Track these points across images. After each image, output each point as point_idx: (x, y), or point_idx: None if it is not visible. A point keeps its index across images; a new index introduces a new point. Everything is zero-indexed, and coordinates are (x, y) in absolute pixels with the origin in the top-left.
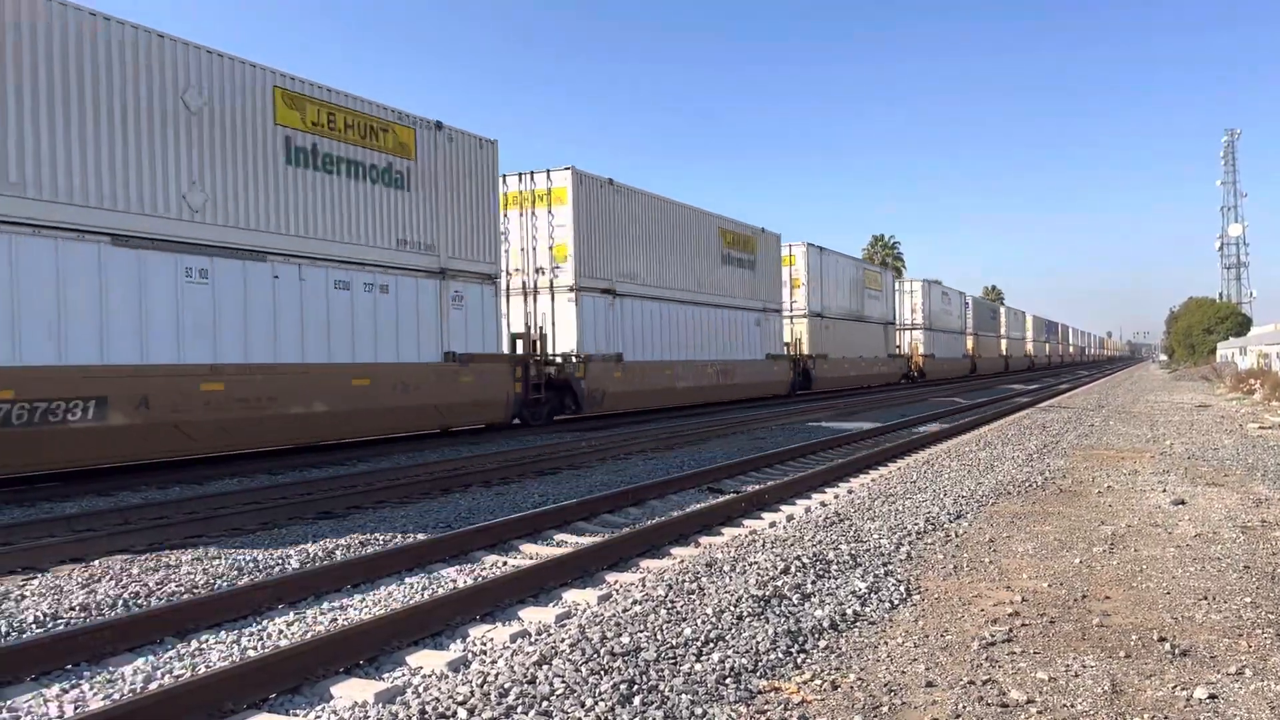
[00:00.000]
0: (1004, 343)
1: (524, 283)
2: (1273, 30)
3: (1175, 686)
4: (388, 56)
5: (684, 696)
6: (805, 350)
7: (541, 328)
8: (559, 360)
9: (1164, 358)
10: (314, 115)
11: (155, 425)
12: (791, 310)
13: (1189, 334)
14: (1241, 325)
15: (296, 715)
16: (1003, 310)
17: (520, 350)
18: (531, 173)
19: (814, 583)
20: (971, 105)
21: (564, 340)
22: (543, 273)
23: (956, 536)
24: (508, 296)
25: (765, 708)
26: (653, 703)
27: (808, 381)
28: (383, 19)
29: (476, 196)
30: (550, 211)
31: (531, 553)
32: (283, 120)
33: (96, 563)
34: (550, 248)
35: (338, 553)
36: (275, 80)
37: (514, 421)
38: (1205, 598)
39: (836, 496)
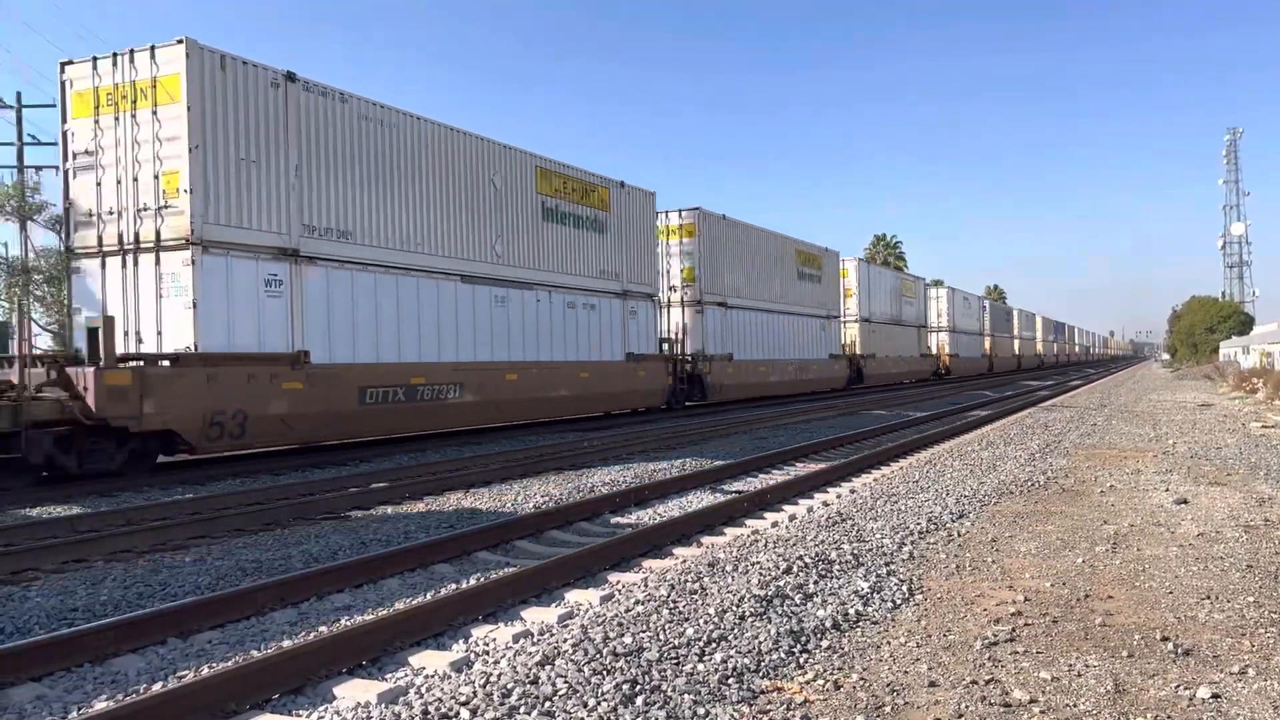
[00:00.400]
0: (1017, 343)
1: (660, 299)
2: (1274, 29)
3: (1178, 686)
4: (385, 54)
5: (686, 696)
6: (858, 350)
7: (676, 333)
8: (691, 359)
9: (1166, 357)
10: (556, 184)
11: (485, 403)
12: (845, 316)
13: (1191, 333)
14: (1244, 324)
15: (299, 715)
16: (1015, 313)
17: (664, 351)
18: (665, 211)
19: (816, 582)
20: (973, 105)
21: (691, 344)
22: (675, 290)
23: (959, 536)
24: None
25: (768, 708)
26: (655, 703)
27: (860, 377)
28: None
29: (643, 234)
30: (680, 242)
31: (533, 553)
32: (540, 190)
33: (100, 564)
34: (681, 271)
35: (340, 553)
36: (536, 161)
37: (662, 406)
38: (1208, 597)
39: (839, 496)
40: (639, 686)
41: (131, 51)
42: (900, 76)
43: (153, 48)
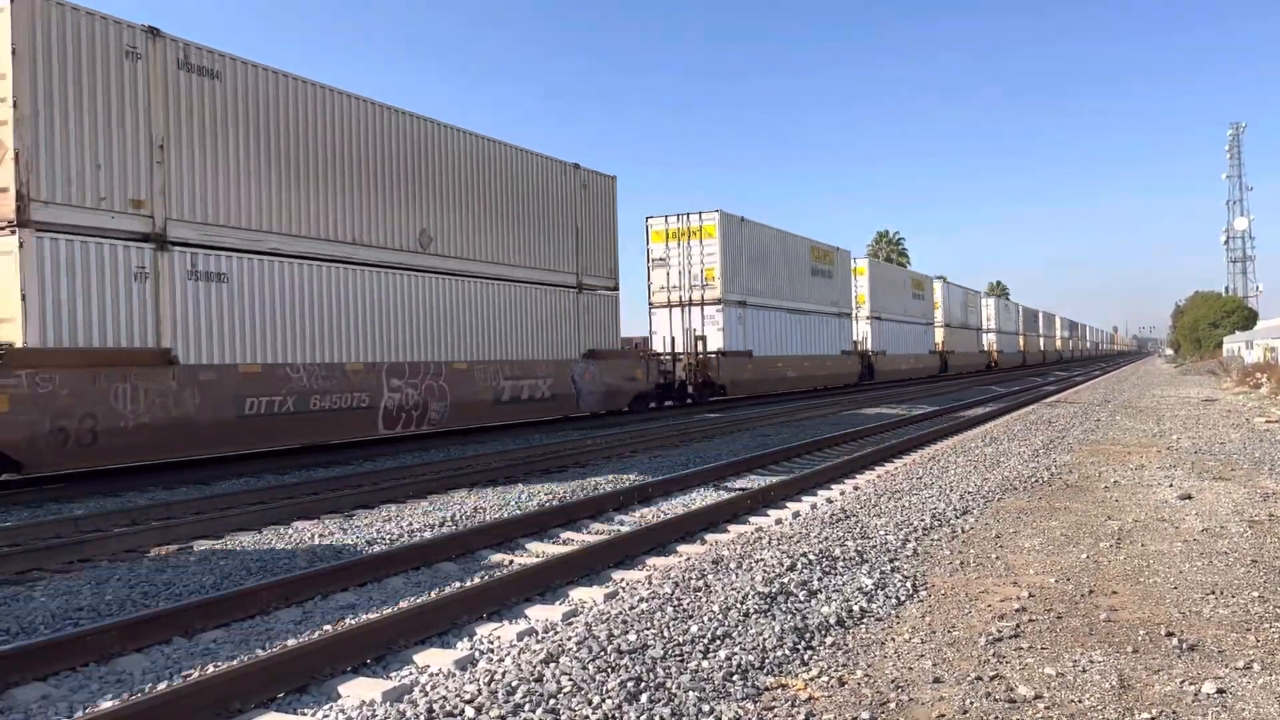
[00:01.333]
0: (1042, 340)
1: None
2: (1275, 23)
3: (1183, 681)
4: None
5: (691, 694)
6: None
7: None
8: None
9: (1170, 352)
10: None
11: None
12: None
13: (1195, 328)
14: (1248, 319)
15: (305, 714)
16: (1040, 315)
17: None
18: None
19: (820, 579)
20: (974, 100)
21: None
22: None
23: (963, 532)
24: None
25: (772, 705)
26: (660, 700)
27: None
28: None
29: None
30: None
31: (537, 551)
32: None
33: (105, 563)
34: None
35: (344, 552)
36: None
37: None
38: (1213, 592)
39: (843, 493)
40: (643, 684)
41: None
42: (902, 73)
43: None
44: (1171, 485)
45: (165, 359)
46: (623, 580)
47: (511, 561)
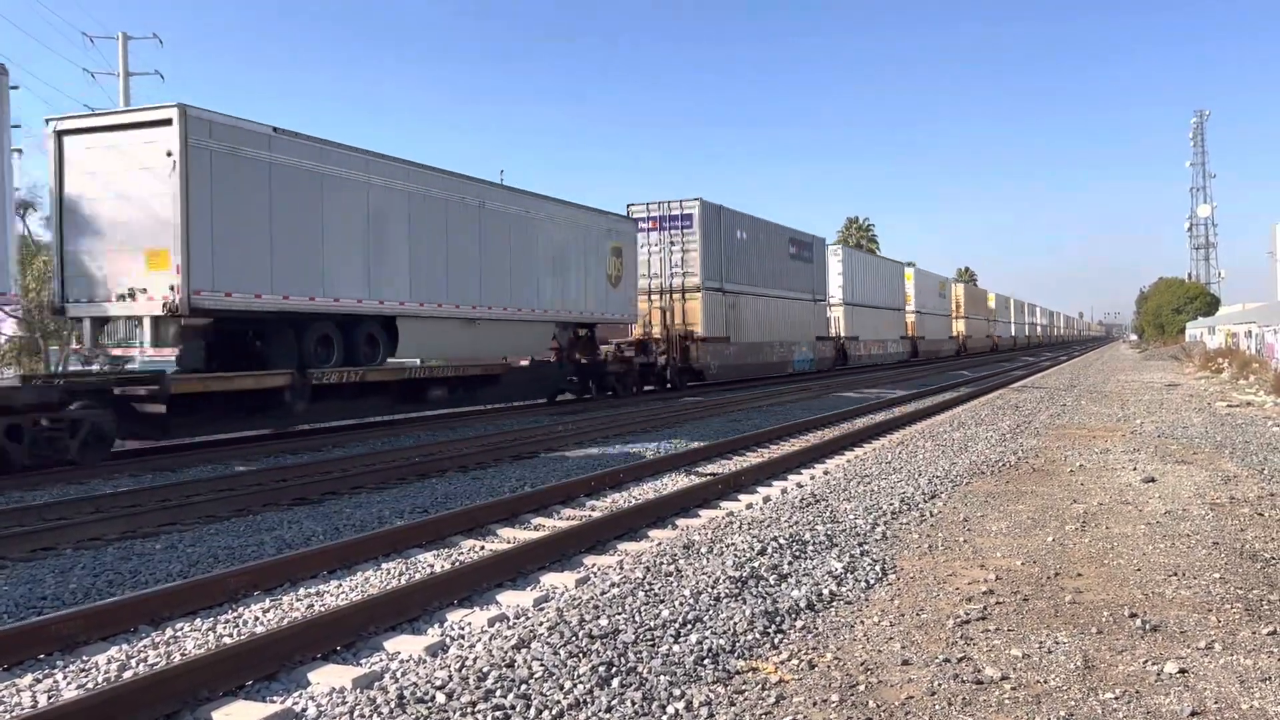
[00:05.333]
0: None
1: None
2: (1240, 10)
3: (1146, 661)
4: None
5: (662, 678)
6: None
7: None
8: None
9: (1134, 337)
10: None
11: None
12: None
13: (1158, 314)
14: (1210, 305)
15: (274, 702)
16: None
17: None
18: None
19: (791, 563)
20: (942, 85)
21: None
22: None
23: (931, 516)
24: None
25: (743, 688)
26: (631, 684)
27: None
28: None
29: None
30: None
31: (509, 537)
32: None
33: (69, 551)
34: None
35: (313, 539)
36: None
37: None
38: (1175, 574)
39: (813, 478)
40: (615, 668)
41: None
42: (868, 53)
43: None
44: (1135, 469)
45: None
46: (594, 565)
47: (483, 547)
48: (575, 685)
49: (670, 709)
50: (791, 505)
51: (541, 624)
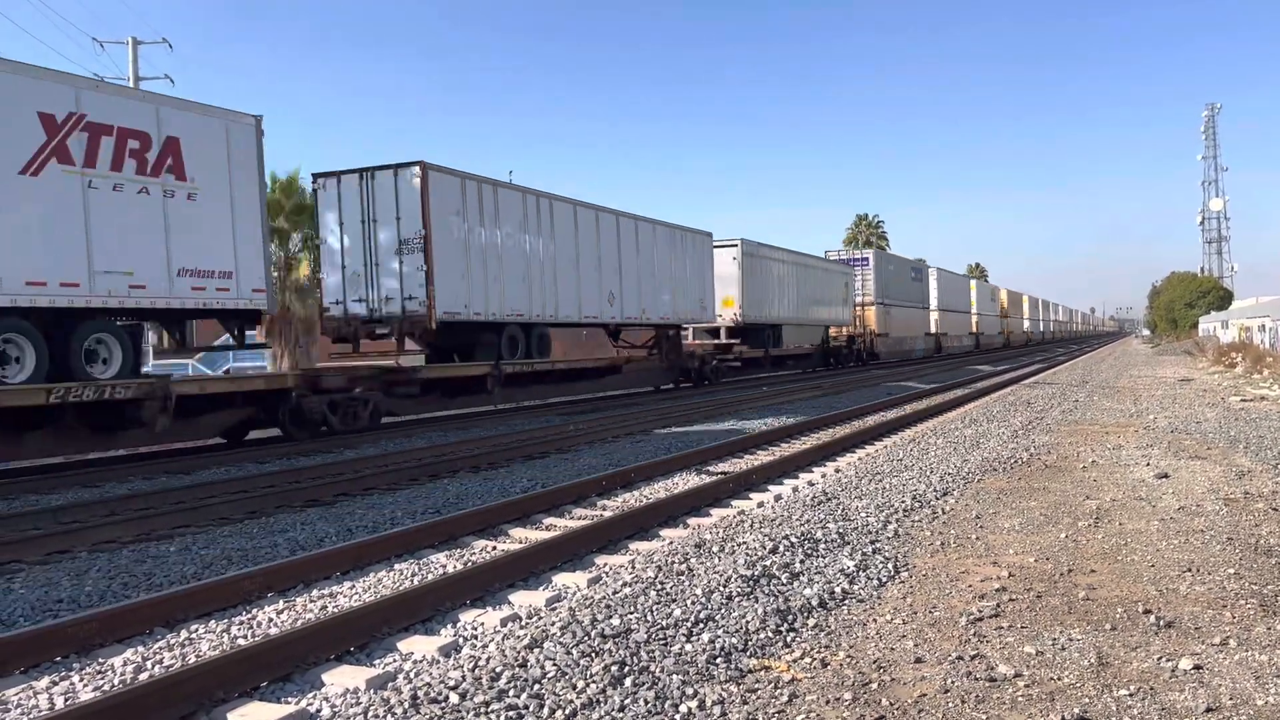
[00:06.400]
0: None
1: (858, 300)
2: (1250, 4)
3: (1161, 658)
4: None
5: (675, 677)
6: (935, 330)
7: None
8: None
9: (1147, 333)
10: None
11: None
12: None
13: (1171, 309)
14: (1223, 299)
15: (288, 703)
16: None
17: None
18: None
19: (803, 562)
20: (952, 80)
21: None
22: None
23: (944, 513)
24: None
25: (756, 686)
26: (644, 683)
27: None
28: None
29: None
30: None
31: (521, 537)
32: None
33: (84, 554)
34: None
35: (326, 540)
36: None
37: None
38: (1189, 570)
39: (824, 476)
40: (627, 668)
41: None
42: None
43: None
44: (1149, 464)
45: None
46: (606, 565)
47: (495, 547)
48: (588, 685)
49: (683, 708)
50: (804, 503)
51: (554, 624)
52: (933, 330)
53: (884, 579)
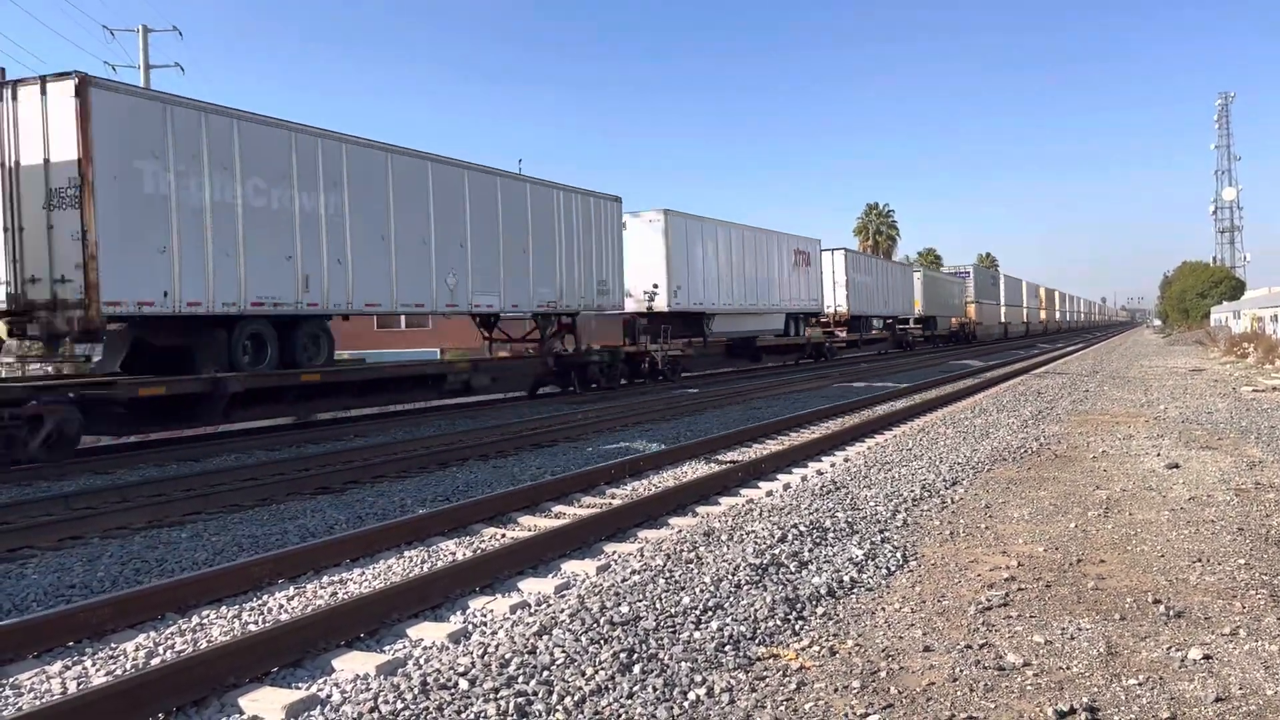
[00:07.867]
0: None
1: (965, 299)
2: None
3: (1170, 648)
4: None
5: (683, 664)
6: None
7: (969, 314)
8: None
9: (1158, 323)
10: None
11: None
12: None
13: (1183, 298)
14: (1235, 289)
15: (299, 688)
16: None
17: None
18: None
19: (811, 550)
20: (963, 72)
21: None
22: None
23: (953, 503)
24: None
25: (764, 674)
26: (652, 671)
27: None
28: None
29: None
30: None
31: (530, 524)
32: None
33: (96, 540)
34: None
35: (336, 527)
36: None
37: None
38: (1199, 560)
39: (833, 465)
40: (636, 655)
41: None
42: (889, 47)
43: None
44: (1159, 454)
45: None
46: (615, 553)
47: (504, 535)
48: (597, 672)
49: (691, 695)
50: (812, 492)
51: (563, 611)
52: (1002, 320)
53: (893, 568)
